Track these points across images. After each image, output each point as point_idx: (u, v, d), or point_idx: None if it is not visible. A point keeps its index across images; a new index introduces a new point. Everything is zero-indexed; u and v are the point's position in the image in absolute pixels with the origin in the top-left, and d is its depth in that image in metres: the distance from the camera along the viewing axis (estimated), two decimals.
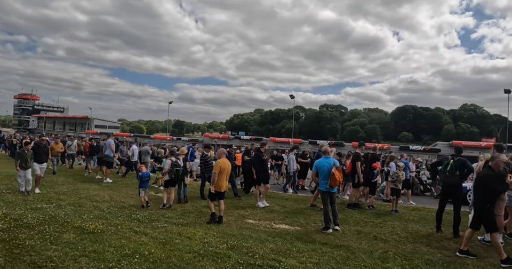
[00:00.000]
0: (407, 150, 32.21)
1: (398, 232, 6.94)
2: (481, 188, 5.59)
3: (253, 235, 6.22)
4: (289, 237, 6.17)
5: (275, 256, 5.02)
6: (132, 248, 5.02)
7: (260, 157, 9.79)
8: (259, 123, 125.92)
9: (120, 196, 9.75)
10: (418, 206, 10.26)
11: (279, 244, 5.66)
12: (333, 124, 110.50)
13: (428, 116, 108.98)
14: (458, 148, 7.32)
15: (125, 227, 6.26)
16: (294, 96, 51.96)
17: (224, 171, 7.31)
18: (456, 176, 6.86)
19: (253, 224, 7.22)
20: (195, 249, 5.16)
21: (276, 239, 5.97)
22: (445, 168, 6.96)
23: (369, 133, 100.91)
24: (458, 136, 76.06)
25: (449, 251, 5.93)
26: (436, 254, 5.69)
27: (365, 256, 5.26)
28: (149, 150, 15.31)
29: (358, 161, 9.51)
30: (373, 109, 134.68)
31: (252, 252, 5.15)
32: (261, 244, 5.62)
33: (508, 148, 31.21)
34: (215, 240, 5.69)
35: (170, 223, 6.84)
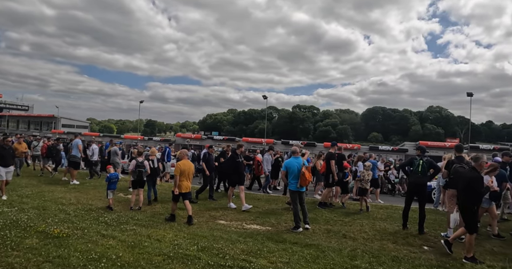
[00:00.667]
0: (377, 150, 33.14)
1: (366, 230, 7.13)
2: (472, 189, 5.61)
3: (224, 236, 6.20)
4: (260, 237, 6.19)
5: (246, 257, 5.03)
6: (99, 253, 4.87)
7: (234, 159, 9.69)
8: (232, 123, 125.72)
9: (88, 198, 9.44)
10: (386, 204, 10.58)
11: (250, 245, 5.67)
12: (305, 125, 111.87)
13: (396, 117, 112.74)
14: (422, 149, 7.59)
15: (91, 231, 6.07)
16: (267, 97, 52.20)
17: (185, 172, 7.46)
18: (426, 176, 7.15)
19: (224, 225, 7.19)
20: (165, 252, 5.08)
21: (247, 240, 5.97)
22: (417, 169, 7.18)
23: (341, 134, 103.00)
24: (425, 137, 79.08)
25: (415, 247, 6.15)
26: (402, 250, 5.88)
27: (334, 255, 5.36)
28: (117, 150, 14.88)
29: (332, 160, 9.68)
30: (344, 110, 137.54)
31: (223, 253, 5.13)
32: (231, 244, 5.61)
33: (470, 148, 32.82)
34: (185, 242, 5.63)
35: (139, 226, 6.68)
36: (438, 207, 10.12)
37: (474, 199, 5.61)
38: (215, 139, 57.98)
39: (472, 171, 5.78)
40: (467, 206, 5.65)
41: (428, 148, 33.78)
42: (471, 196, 5.60)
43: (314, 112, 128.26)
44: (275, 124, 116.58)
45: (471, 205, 5.63)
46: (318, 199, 10.74)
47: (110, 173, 8.63)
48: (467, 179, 5.67)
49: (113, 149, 14.74)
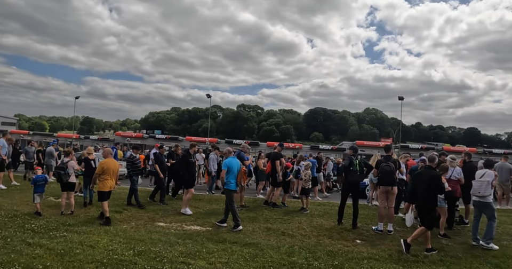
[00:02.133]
0: (317, 149, 34.46)
1: (304, 227, 7.39)
2: (433, 187, 6.05)
3: (162, 238, 6.05)
4: (200, 239, 6.13)
5: (184, 259, 4.96)
6: (23, 263, 4.49)
7: (187, 160, 9.10)
8: (176, 121, 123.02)
9: (13, 203, 8.64)
10: (324, 201, 11.07)
11: (189, 246, 5.60)
12: (249, 124, 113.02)
13: (336, 118, 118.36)
14: (354, 149, 8.07)
15: (16, 239, 5.57)
16: (211, 96, 51.97)
17: (109, 171, 7.36)
18: (362, 174, 7.61)
19: (163, 227, 7.01)
20: (98, 258, 4.82)
21: (186, 242, 5.89)
22: (355, 168, 7.62)
23: (284, 133, 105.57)
24: (362, 137, 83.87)
25: (348, 241, 6.52)
26: (337, 245, 6.20)
27: (272, 252, 5.49)
28: (53, 151, 13.77)
29: (278, 160, 9.86)
30: (287, 110, 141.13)
31: (160, 257, 5.01)
32: (170, 247, 5.50)
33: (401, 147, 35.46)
34: (121, 247, 5.40)
35: (71, 232, 6.27)
36: (370, 202, 10.80)
37: (435, 197, 6.12)
38: (157, 137, 56.22)
39: (431, 170, 6.27)
40: (428, 203, 6.07)
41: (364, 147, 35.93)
42: (433, 194, 6.07)
43: (258, 112, 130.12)
44: (219, 123, 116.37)
45: (433, 202, 6.10)
46: (260, 198, 10.94)
47: (36, 174, 8.00)
48: (429, 178, 6.09)
49: (48, 149, 13.66)
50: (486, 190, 6.65)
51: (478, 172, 7.11)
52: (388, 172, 7.40)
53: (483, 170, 6.96)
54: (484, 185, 6.65)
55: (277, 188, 9.90)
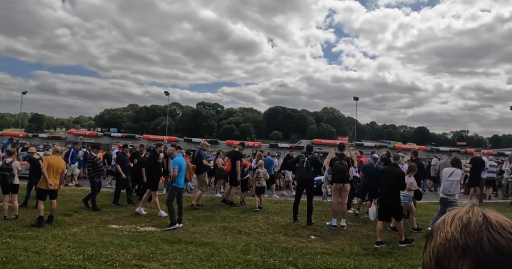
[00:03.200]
0: (276, 148, 34.92)
1: (261, 225, 7.48)
2: (400, 184, 6.49)
3: (114, 241, 5.86)
4: (154, 240, 6.01)
5: (137, 262, 4.85)
6: None
7: (155, 160, 8.83)
8: (133, 119, 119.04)
9: None
10: (280, 199, 11.25)
11: (143, 248, 5.48)
12: (209, 122, 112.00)
13: (295, 117, 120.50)
14: (309, 147, 8.33)
15: None
16: (169, 93, 50.97)
17: (53, 166, 7.16)
18: (310, 171, 7.80)
19: (116, 230, 6.80)
20: (44, 265, 4.58)
21: (140, 244, 5.75)
22: (301, 165, 7.82)
23: (244, 132, 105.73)
24: (320, 135, 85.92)
25: (303, 237, 6.69)
26: (292, 241, 6.34)
27: (228, 251, 5.51)
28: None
29: (238, 160, 9.88)
30: (247, 109, 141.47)
31: (112, 260, 4.86)
32: (122, 250, 5.34)
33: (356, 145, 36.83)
34: (70, 252, 5.16)
35: (14, 238, 5.89)
36: (325, 199, 11.14)
37: (399, 192, 6.51)
38: (113, 136, 54.00)
39: (396, 167, 6.71)
40: (393, 198, 6.44)
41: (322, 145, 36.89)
42: (397, 189, 6.47)
43: (218, 110, 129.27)
44: (179, 121, 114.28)
45: (397, 196, 6.49)
46: (218, 197, 10.91)
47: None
48: (394, 175, 6.49)
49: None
50: (456, 189, 7.14)
51: (445, 170, 7.54)
52: (341, 170, 7.68)
53: (451, 169, 7.34)
54: (454, 184, 7.11)
55: (234, 186, 9.94)
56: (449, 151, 29.49)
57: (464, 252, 0.60)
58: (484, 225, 0.62)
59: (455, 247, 0.62)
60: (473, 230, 0.62)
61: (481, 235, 0.61)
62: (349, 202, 9.30)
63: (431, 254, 0.65)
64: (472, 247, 0.60)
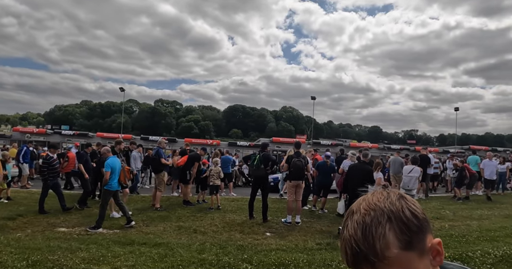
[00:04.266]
0: (235, 146, 34.87)
1: (216, 223, 7.48)
2: (369, 180, 6.99)
3: (62, 245, 5.59)
4: (105, 242, 5.81)
5: (86, 266, 4.66)
6: None
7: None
8: (86, 116, 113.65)
9: None
10: (237, 197, 11.30)
11: (93, 251, 5.27)
12: (167, 120, 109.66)
13: (255, 115, 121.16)
14: (263, 144, 8.46)
15: None
16: (124, 89, 49.28)
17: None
18: (262, 169, 7.90)
19: (64, 233, 6.49)
20: None
21: (90, 247, 5.53)
22: (252, 163, 7.92)
23: (203, 130, 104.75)
24: (279, 133, 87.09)
25: (258, 234, 6.77)
26: (247, 239, 6.40)
27: (182, 251, 5.45)
28: None
29: (197, 162, 9.89)
30: (207, 107, 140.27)
31: (59, 265, 4.63)
32: (71, 254, 5.10)
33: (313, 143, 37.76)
34: (12, 259, 4.84)
35: None
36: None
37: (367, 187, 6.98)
38: (64, 134, 51.25)
39: (365, 164, 7.22)
40: (362, 193, 6.64)
41: (280, 143, 37.41)
42: (368, 184, 6.94)
43: (177, 108, 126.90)
44: (135, 119, 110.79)
45: (366, 191, 6.67)
46: (174, 196, 10.76)
47: None
48: (363, 171, 7.03)
49: None
50: (414, 184, 7.88)
51: (405, 167, 8.30)
52: (299, 167, 7.85)
53: (410, 166, 8.10)
54: (413, 180, 7.82)
55: (186, 185, 9.89)
56: (399, 149, 31.13)
57: (390, 218, 0.70)
58: (401, 198, 0.75)
59: (381, 214, 0.71)
60: (394, 200, 0.73)
61: (401, 203, 0.73)
62: (306, 199, 9.59)
63: (356, 225, 0.72)
64: (396, 213, 0.71)
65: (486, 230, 7.63)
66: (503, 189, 14.84)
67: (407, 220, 0.71)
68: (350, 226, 0.73)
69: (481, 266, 5.17)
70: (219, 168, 9.71)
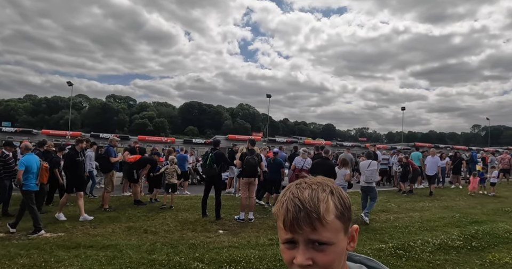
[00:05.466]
0: (191, 143, 34.40)
1: (168, 222, 7.36)
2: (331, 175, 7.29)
3: (0, 251, 5.23)
4: (48, 247, 5.49)
5: None
6: None
7: (74, 158, 7.88)
8: (31, 111, 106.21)
9: None
10: (191, 195, 11.19)
11: (34, 257, 4.98)
12: (120, 116, 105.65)
13: (211, 112, 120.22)
14: (215, 142, 8.46)
15: None
16: (73, 83, 46.56)
17: None
18: (214, 168, 7.88)
19: (2, 238, 6.05)
20: None
21: (31, 252, 5.21)
22: (205, 162, 7.88)
23: (158, 127, 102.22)
24: (235, 131, 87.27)
25: (211, 232, 6.76)
26: (200, 237, 6.36)
27: (132, 252, 5.31)
28: None
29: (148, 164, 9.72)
30: (162, 103, 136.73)
31: None
32: (9, 261, 4.79)
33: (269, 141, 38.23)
34: None
35: None
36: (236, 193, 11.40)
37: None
38: (4, 131, 47.56)
39: (327, 160, 7.76)
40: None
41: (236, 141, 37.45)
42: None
43: (130, 104, 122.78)
44: (85, 115, 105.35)
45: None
46: (125, 196, 10.44)
47: None
48: (327, 166, 7.51)
49: None
50: (375, 177, 8.41)
51: (363, 163, 8.68)
52: (252, 165, 7.93)
53: (367, 161, 8.50)
54: (374, 173, 8.33)
55: (135, 184, 9.67)
56: (350, 146, 32.40)
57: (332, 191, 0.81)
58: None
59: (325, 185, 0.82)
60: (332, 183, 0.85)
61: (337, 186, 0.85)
62: (262, 195, 9.75)
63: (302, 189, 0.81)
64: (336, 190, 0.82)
65: (426, 220, 8.20)
66: (443, 183, 15.96)
67: (344, 197, 0.82)
68: (295, 190, 0.80)
69: (421, 254, 5.56)
70: (175, 166, 9.57)
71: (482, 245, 6.12)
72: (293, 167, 9.23)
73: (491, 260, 5.35)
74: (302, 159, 8.92)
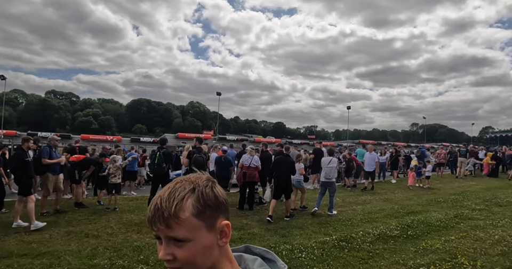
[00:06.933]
0: (138, 142, 33.30)
1: (112, 225, 7.06)
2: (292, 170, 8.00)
3: None
4: None
5: None
6: None
7: (23, 158, 7.20)
8: None
9: None
10: (137, 196, 10.83)
11: None
12: (62, 114, 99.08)
13: (160, 110, 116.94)
14: (162, 140, 8.26)
15: None
16: (6, 77, 43.06)
17: None
18: (163, 167, 7.72)
19: None
20: None
21: None
22: (153, 161, 7.67)
23: (103, 125, 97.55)
24: (186, 129, 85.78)
25: None
26: (145, 239, 6.17)
27: (71, 258, 5.03)
28: None
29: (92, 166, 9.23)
30: (108, 100, 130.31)
31: None
32: None
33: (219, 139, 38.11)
34: None
35: None
36: None
37: (290, 176, 8.09)
38: None
39: (288, 157, 8.25)
40: (286, 181, 7.98)
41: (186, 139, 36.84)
42: (289, 174, 8.00)
43: (73, 100, 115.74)
44: (22, 112, 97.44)
45: (290, 180, 8.09)
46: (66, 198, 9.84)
47: None
48: (286, 163, 8.03)
49: None
50: (334, 173, 8.81)
51: (324, 159, 9.06)
52: (201, 163, 7.85)
53: (328, 158, 8.89)
54: (333, 170, 8.71)
55: (77, 185, 9.16)
56: (299, 143, 33.35)
57: (194, 188, 0.85)
58: (212, 182, 0.90)
59: (189, 184, 0.86)
60: (204, 179, 0.89)
61: (209, 183, 0.88)
62: None
63: (167, 189, 0.85)
64: (201, 187, 0.86)
65: (368, 213, 8.68)
66: (383, 177, 16.93)
67: (207, 194, 0.85)
68: (163, 190, 0.86)
69: (362, 244, 5.87)
70: (118, 165, 9.08)
71: (417, 234, 6.60)
72: (240, 165, 9.26)
73: (424, 247, 5.79)
74: (249, 156, 8.98)
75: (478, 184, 14.80)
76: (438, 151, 20.42)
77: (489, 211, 8.95)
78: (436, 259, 5.16)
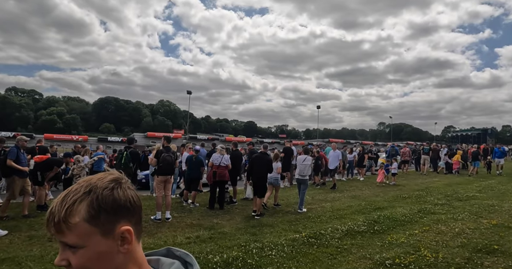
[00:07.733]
0: (106, 141, 32.41)
1: None
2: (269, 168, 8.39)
3: None
4: None
5: None
6: None
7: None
8: None
9: None
10: None
11: None
12: (23, 112, 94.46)
13: (129, 109, 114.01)
14: (129, 140, 8.07)
15: None
16: None
17: None
18: (131, 167, 7.53)
19: None
20: None
21: None
22: (120, 161, 7.47)
23: (69, 124, 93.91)
24: (156, 128, 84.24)
25: None
26: None
27: (33, 264, 4.82)
28: None
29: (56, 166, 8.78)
30: (73, 98, 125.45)
31: None
32: None
33: (190, 138, 37.77)
34: None
35: None
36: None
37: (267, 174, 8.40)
38: None
39: (266, 155, 8.57)
40: (263, 179, 8.30)
41: (155, 138, 36.18)
42: (267, 172, 8.32)
43: (35, 98, 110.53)
44: None
45: (266, 177, 8.41)
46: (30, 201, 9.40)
47: None
48: (265, 161, 8.33)
49: None
50: (308, 171, 9.20)
51: (299, 157, 9.29)
52: (169, 162, 7.73)
53: (304, 156, 9.12)
54: (307, 168, 9.01)
55: (40, 187, 8.73)
56: (270, 142, 33.60)
57: (90, 191, 0.80)
58: (117, 182, 0.84)
59: (86, 186, 0.80)
60: (107, 180, 0.83)
61: (111, 185, 0.82)
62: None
63: (64, 192, 0.81)
64: (98, 189, 0.80)
65: (336, 210, 8.88)
66: (352, 175, 17.38)
67: (103, 198, 0.79)
68: (61, 193, 0.82)
69: (330, 240, 6.00)
70: (82, 165, 8.78)
71: (383, 229, 6.83)
72: (210, 164, 9.20)
73: (390, 241, 6.00)
74: (219, 155, 8.95)
75: (440, 181, 15.52)
76: (403, 149, 21.21)
77: (450, 205, 9.40)
78: (401, 252, 5.36)
